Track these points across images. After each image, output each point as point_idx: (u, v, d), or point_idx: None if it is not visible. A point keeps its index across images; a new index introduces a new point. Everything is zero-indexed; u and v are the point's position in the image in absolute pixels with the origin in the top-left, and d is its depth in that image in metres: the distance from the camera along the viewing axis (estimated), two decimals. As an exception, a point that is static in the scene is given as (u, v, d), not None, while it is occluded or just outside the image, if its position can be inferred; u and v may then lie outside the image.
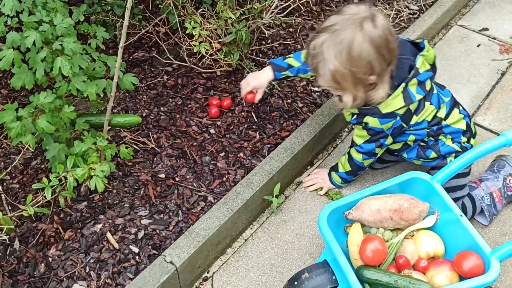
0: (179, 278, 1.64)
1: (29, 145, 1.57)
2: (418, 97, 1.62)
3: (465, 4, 2.91)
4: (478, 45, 2.64)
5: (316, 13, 2.70)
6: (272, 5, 2.18)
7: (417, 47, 1.67)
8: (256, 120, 2.15)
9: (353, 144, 1.81)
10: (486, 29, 2.74)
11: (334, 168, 1.93)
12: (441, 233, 1.63)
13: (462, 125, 1.75)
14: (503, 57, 2.57)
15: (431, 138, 1.75)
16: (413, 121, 1.68)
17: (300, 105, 2.21)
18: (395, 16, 2.71)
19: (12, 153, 1.96)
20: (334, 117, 2.09)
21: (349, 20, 1.50)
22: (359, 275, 1.49)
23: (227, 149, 2.03)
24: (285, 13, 2.31)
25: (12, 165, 1.78)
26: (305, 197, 1.97)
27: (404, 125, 1.68)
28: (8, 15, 1.50)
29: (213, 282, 1.73)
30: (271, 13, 2.19)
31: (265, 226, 1.89)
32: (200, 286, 1.73)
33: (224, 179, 1.93)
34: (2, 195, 1.79)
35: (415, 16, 2.71)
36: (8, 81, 2.15)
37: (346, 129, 2.23)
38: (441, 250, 1.60)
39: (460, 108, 1.78)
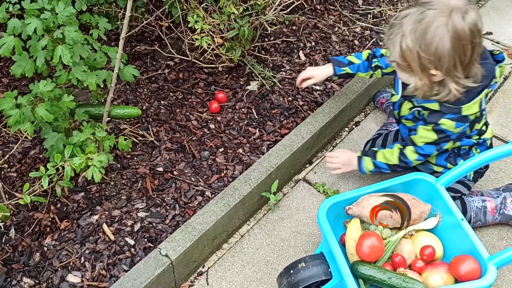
0: (174, 271, 1.63)
1: (27, 133, 1.57)
2: (484, 106, 1.61)
3: (469, 7, 2.90)
4: (482, 49, 2.63)
5: (320, 11, 2.69)
6: (276, 1, 2.18)
7: (493, 57, 1.62)
8: (256, 116, 2.15)
9: (410, 143, 1.71)
10: (490, 33, 2.73)
11: (369, 154, 1.81)
12: (441, 235, 1.62)
13: (490, 140, 1.76)
14: (506, 61, 2.55)
15: (466, 148, 1.73)
16: (474, 128, 1.66)
17: (301, 103, 2.20)
18: (399, 17, 2.70)
19: (11, 142, 1.95)
20: (335, 116, 2.08)
21: (443, 4, 1.42)
22: (354, 270, 1.49)
23: (226, 144, 2.02)
24: (288, 10, 2.30)
25: (10, 153, 1.77)
26: (302, 195, 1.96)
27: (468, 131, 1.65)
28: (9, 2, 1.50)
29: (208, 276, 1.73)
30: (274, 10, 2.18)
31: (262, 222, 1.88)
32: (195, 280, 1.72)
33: (222, 174, 1.92)
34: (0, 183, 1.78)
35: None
36: (9, 70, 2.14)
37: (346, 128, 2.23)
38: (439, 252, 1.59)
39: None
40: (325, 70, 1.98)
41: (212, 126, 2.09)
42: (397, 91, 1.73)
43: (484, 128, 1.73)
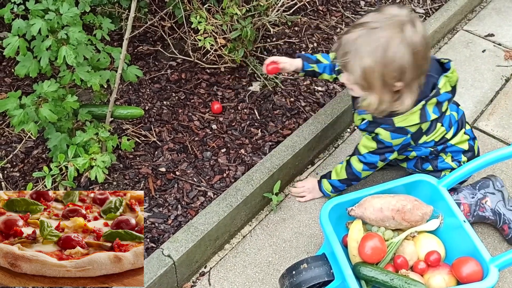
0: (176, 272, 1.64)
1: (31, 133, 1.57)
2: (433, 116, 1.59)
3: (471, 9, 2.91)
4: (483, 51, 2.64)
5: (322, 12, 2.70)
6: (278, 3, 2.18)
7: (442, 67, 1.64)
8: (258, 117, 2.15)
9: (356, 152, 1.77)
10: (492, 35, 2.74)
11: (326, 176, 1.89)
12: (443, 237, 1.63)
13: (465, 146, 1.74)
14: (508, 63, 2.56)
15: (433, 155, 1.74)
16: (421, 140, 1.67)
17: (303, 104, 2.21)
18: (401, 18, 2.70)
19: (14, 142, 1.96)
20: (337, 117, 2.08)
21: (390, 20, 1.46)
22: (356, 271, 1.50)
23: (229, 145, 2.03)
24: (291, 11, 2.30)
25: (13, 153, 1.78)
26: (305, 196, 1.97)
27: (412, 143, 1.66)
28: (14, 2, 1.51)
29: (210, 277, 1.73)
30: (277, 11, 2.19)
31: (264, 223, 1.89)
32: (197, 280, 1.73)
33: (225, 175, 1.93)
34: (3, 183, 1.79)
35: (421, 19, 2.71)
36: (12, 70, 2.15)
37: (348, 130, 2.23)
38: (441, 254, 1.60)
39: (467, 128, 1.78)
40: (294, 62, 1.91)
41: (214, 126, 2.10)
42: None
43: (448, 135, 1.70)
